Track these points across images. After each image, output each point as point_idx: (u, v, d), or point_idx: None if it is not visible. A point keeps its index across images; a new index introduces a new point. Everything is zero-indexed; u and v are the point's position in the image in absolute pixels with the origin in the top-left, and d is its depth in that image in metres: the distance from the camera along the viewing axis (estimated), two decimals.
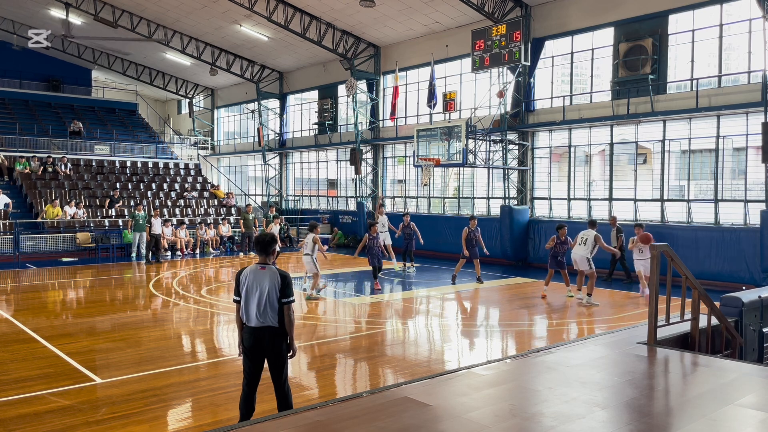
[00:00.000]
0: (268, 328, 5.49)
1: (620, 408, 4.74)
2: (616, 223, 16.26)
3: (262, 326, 5.48)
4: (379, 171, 25.85)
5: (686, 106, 16.12)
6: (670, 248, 6.55)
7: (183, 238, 22.15)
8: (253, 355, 5.55)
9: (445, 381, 5.41)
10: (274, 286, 5.48)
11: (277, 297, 5.47)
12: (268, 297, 5.45)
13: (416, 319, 11.86)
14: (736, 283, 14.32)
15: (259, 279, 5.51)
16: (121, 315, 11.69)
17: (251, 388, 5.61)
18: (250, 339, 5.52)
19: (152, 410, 6.45)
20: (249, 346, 5.54)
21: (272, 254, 5.66)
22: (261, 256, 5.62)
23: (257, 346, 5.52)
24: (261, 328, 5.48)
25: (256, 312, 5.46)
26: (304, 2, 22.25)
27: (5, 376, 7.58)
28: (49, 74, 34.51)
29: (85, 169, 27.01)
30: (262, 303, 5.45)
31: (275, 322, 5.51)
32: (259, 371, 5.61)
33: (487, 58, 18.98)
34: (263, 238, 5.66)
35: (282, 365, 5.59)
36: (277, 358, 5.57)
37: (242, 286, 5.55)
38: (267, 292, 5.46)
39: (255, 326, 5.49)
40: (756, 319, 7.50)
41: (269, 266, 5.59)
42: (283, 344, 5.59)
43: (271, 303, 5.47)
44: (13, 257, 19.70)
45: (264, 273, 5.54)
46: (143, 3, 25.06)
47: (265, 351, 5.54)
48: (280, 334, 5.55)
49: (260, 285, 5.48)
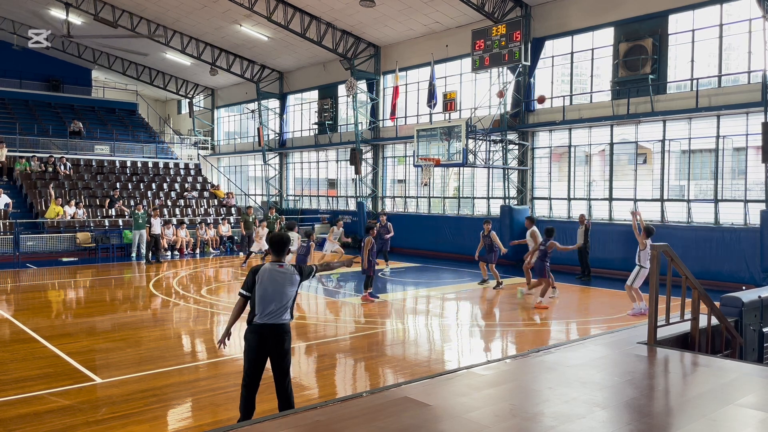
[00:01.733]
0: (280, 326, 5.52)
1: (620, 408, 4.74)
2: (584, 221, 16.32)
3: (273, 323, 5.49)
4: (379, 171, 25.85)
5: (686, 106, 16.12)
6: (670, 248, 6.55)
7: (183, 238, 22.15)
8: (258, 354, 5.53)
9: (445, 381, 5.41)
10: (294, 284, 5.60)
11: (295, 296, 5.63)
12: (286, 296, 5.53)
13: (416, 319, 11.86)
14: (736, 283, 14.32)
15: (279, 278, 5.55)
16: (121, 315, 11.69)
17: (252, 389, 5.57)
18: (256, 338, 5.50)
19: (152, 410, 6.45)
20: (255, 345, 5.51)
21: (287, 253, 5.77)
22: (276, 256, 5.70)
23: (263, 345, 5.50)
24: (272, 325, 5.49)
25: (271, 310, 5.48)
26: (304, 2, 22.25)
27: (5, 376, 7.58)
28: (49, 74, 34.50)
29: (85, 169, 27.01)
30: (282, 302, 5.51)
31: (289, 320, 5.60)
32: (260, 371, 5.58)
33: (487, 58, 18.98)
34: (279, 238, 5.73)
35: (288, 365, 5.59)
36: (284, 357, 5.56)
37: (258, 284, 5.53)
38: (287, 292, 5.54)
39: (266, 323, 5.49)
40: (756, 319, 7.50)
41: (286, 265, 5.65)
42: (288, 342, 5.59)
43: (289, 302, 5.57)
44: (13, 257, 19.70)
45: (283, 272, 5.58)
46: (143, 3, 25.06)
47: (270, 350, 5.52)
48: (288, 332, 5.59)
49: (279, 284, 5.53)
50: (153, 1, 24.76)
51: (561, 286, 15.64)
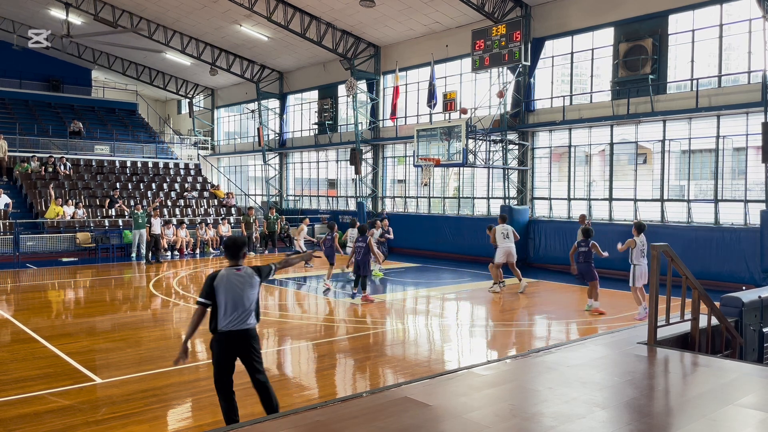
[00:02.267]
0: (246, 331, 5.41)
1: (620, 408, 4.74)
2: (585, 220, 16.00)
3: (240, 329, 5.36)
4: (379, 171, 25.86)
5: (686, 106, 16.12)
6: (670, 248, 6.55)
7: (183, 238, 22.15)
8: (226, 361, 5.42)
9: (445, 381, 5.41)
10: (254, 286, 5.45)
11: (257, 298, 5.46)
12: (249, 300, 5.40)
13: (416, 319, 11.86)
14: (736, 283, 14.31)
15: (238, 283, 5.39)
16: (121, 315, 11.69)
17: (228, 395, 5.47)
18: (224, 344, 5.37)
19: (152, 410, 6.45)
20: (223, 353, 5.39)
21: (244, 257, 5.60)
22: (233, 260, 5.53)
23: (230, 351, 5.39)
24: (238, 331, 5.37)
25: (235, 316, 5.34)
26: (304, 2, 22.25)
27: (5, 376, 7.58)
28: (49, 74, 34.49)
29: (85, 169, 27.01)
30: (246, 306, 5.37)
31: (254, 323, 5.49)
32: (231, 375, 5.49)
33: (487, 58, 18.98)
34: (233, 243, 5.55)
35: (260, 360, 5.51)
36: (255, 354, 5.47)
37: (218, 291, 5.36)
38: (248, 296, 5.40)
39: (232, 330, 5.35)
40: (756, 319, 7.50)
41: (244, 267, 5.50)
42: (257, 345, 5.52)
43: (252, 305, 5.43)
44: (13, 257, 19.70)
45: (241, 276, 5.43)
46: (143, 3, 25.06)
47: (239, 353, 5.44)
48: (255, 335, 5.51)
49: (239, 289, 5.37)
50: (153, 1, 24.76)
51: (561, 287, 15.67)
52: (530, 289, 14.92)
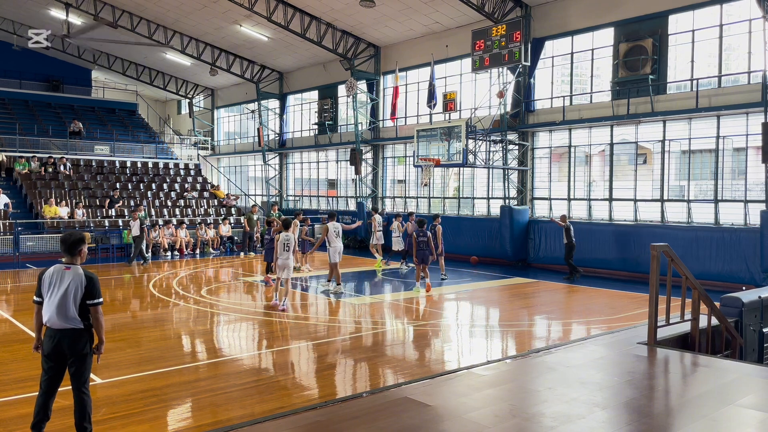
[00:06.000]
0: (71, 331, 5.29)
1: (620, 408, 4.74)
2: (566, 221, 16.38)
3: (63, 329, 5.27)
4: (379, 171, 25.86)
5: (686, 106, 16.12)
6: (670, 248, 6.55)
7: (183, 239, 22.15)
8: (53, 359, 5.32)
9: (445, 381, 5.41)
10: (78, 287, 5.29)
11: (82, 298, 5.30)
12: (73, 298, 5.26)
13: (416, 319, 11.85)
14: (736, 283, 14.32)
15: (64, 280, 5.31)
16: (121, 315, 11.69)
17: (49, 395, 5.38)
18: (50, 342, 5.28)
19: (152, 410, 6.45)
20: (49, 350, 5.30)
21: (79, 255, 5.47)
22: (67, 257, 5.43)
23: (57, 350, 5.29)
24: (63, 330, 5.27)
25: (57, 313, 5.24)
26: (304, 2, 22.25)
27: (5, 376, 7.58)
28: (49, 74, 34.50)
29: (85, 169, 27.01)
30: (66, 304, 5.25)
31: (79, 324, 5.31)
32: (59, 377, 5.38)
33: (487, 58, 18.97)
34: (69, 238, 5.46)
35: (84, 370, 5.38)
36: (79, 361, 5.34)
37: (44, 287, 5.32)
38: (72, 294, 5.27)
39: (57, 329, 5.26)
40: (756, 319, 7.50)
41: (74, 266, 5.40)
42: (86, 347, 5.37)
43: (75, 304, 5.27)
44: (13, 257, 19.70)
45: (68, 273, 5.34)
46: (143, 3, 25.06)
47: (66, 355, 5.32)
48: (83, 336, 5.34)
49: (64, 286, 5.28)
50: (153, 2, 24.76)
51: (561, 287, 15.67)
52: (530, 289, 14.93)
